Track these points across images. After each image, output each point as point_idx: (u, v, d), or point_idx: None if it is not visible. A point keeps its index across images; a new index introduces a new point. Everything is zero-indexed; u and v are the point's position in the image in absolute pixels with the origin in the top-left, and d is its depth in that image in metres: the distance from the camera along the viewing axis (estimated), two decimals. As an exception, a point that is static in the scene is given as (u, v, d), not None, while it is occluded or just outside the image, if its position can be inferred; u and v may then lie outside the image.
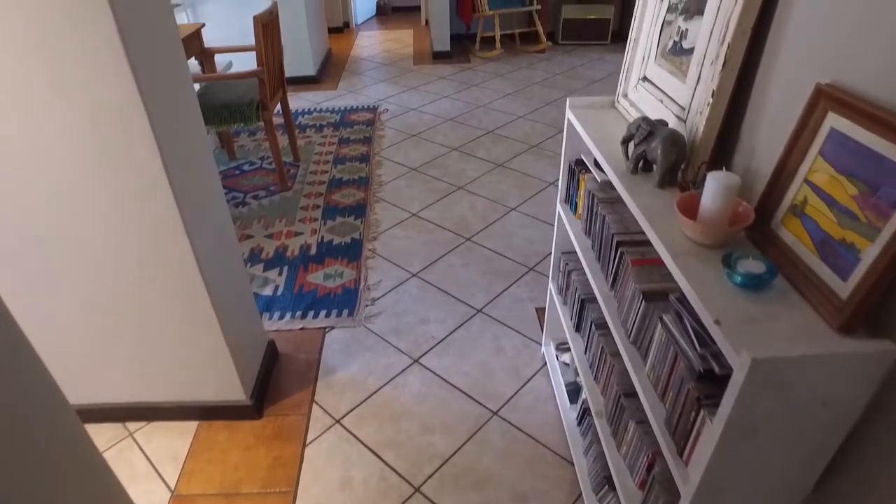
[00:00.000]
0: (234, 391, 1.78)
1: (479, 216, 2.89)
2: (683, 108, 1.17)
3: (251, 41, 3.29)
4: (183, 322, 1.62)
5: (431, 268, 2.52)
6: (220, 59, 3.68)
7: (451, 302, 2.31)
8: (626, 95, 1.48)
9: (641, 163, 1.17)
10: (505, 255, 2.59)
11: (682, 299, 0.99)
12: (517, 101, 4.35)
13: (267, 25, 2.83)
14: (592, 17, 5.81)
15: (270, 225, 2.91)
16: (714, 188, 0.90)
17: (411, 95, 4.54)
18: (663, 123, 1.15)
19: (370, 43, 6.22)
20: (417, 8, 7.41)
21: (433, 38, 5.50)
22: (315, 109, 4.35)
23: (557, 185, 3.08)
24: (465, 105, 4.30)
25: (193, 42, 3.30)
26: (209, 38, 4.67)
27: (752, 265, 0.84)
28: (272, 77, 3.02)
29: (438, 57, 5.44)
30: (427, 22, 6.86)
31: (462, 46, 5.79)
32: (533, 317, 2.22)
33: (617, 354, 1.34)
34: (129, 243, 1.46)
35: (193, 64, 3.57)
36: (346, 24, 6.84)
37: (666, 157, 1.08)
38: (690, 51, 1.16)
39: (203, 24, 3.39)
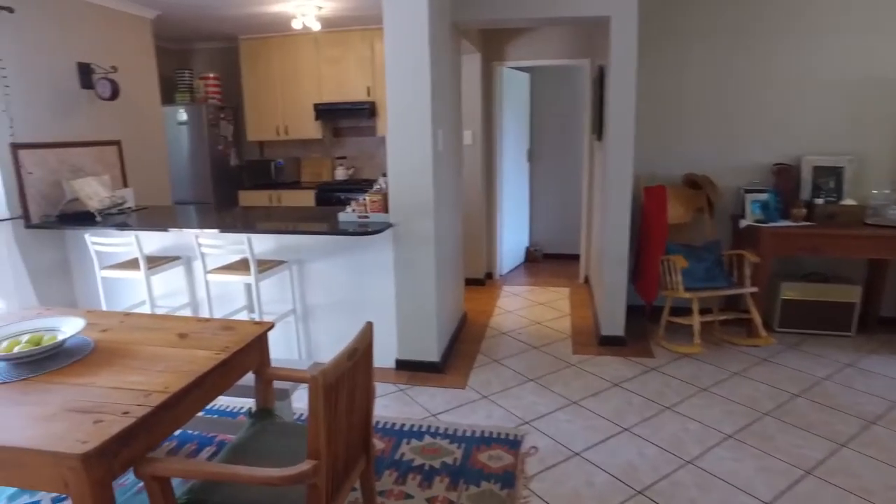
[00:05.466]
0: None
1: None
2: None
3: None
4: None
5: None
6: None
7: None
8: None
9: None
10: None
11: None
12: (747, 458, 2.64)
13: (339, 384, 1.55)
14: (828, 299, 4.17)
15: None
16: None
17: (572, 418, 3.03)
18: None
19: (516, 305, 5.00)
20: (574, 257, 6.28)
21: (601, 318, 4.13)
22: (429, 429, 2.95)
23: None
24: (659, 455, 2.67)
25: (253, 352, 2.14)
26: (313, 302, 3.67)
27: None
28: (338, 467, 1.66)
29: (608, 343, 4.00)
30: (587, 279, 5.62)
31: (639, 326, 4.34)
32: None
33: None
34: None
35: (249, 379, 2.40)
36: (489, 275, 5.80)
37: None
38: None
39: (271, 325, 2.26)
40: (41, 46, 3.87)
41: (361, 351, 1.68)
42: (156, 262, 3.69)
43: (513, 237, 6.22)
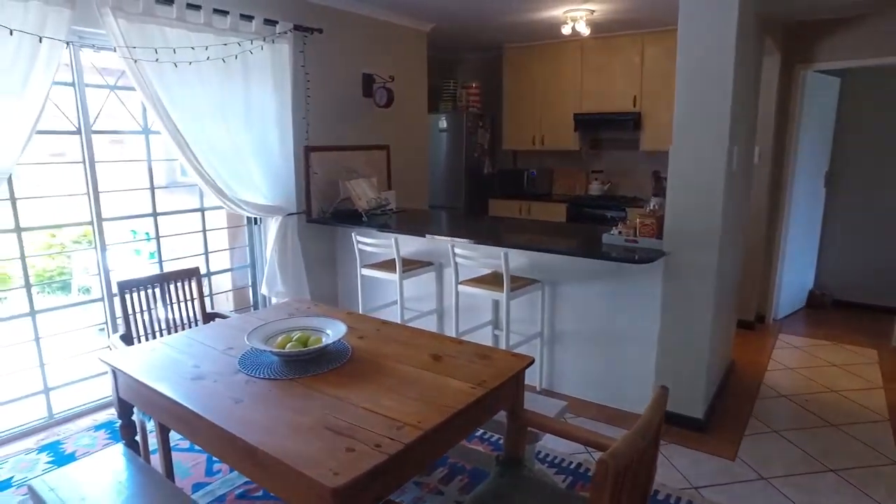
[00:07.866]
0: None
1: None
2: None
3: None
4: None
5: None
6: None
7: None
8: None
9: None
10: None
11: None
12: None
13: (627, 468, 1.19)
14: None
15: None
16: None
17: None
18: None
19: (798, 361, 4.08)
20: (884, 311, 4.98)
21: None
22: (690, 505, 2.43)
23: None
24: None
25: (509, 389, 1.89)
26: (562, 328, 3.37)
27: None
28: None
29: (948, 439, 2.96)
30: (902, 341, 4.38)
31: None
32: None
33: None
34: None
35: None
36: (761, 318, 4.88)
37: None
38: None
39: (531, 361, 2.00)
40: (337, 60, 4.23)
41: (655, 426, 1.30)
42: (410, 265, 3.75)
43: (794, 276, 5.16)
